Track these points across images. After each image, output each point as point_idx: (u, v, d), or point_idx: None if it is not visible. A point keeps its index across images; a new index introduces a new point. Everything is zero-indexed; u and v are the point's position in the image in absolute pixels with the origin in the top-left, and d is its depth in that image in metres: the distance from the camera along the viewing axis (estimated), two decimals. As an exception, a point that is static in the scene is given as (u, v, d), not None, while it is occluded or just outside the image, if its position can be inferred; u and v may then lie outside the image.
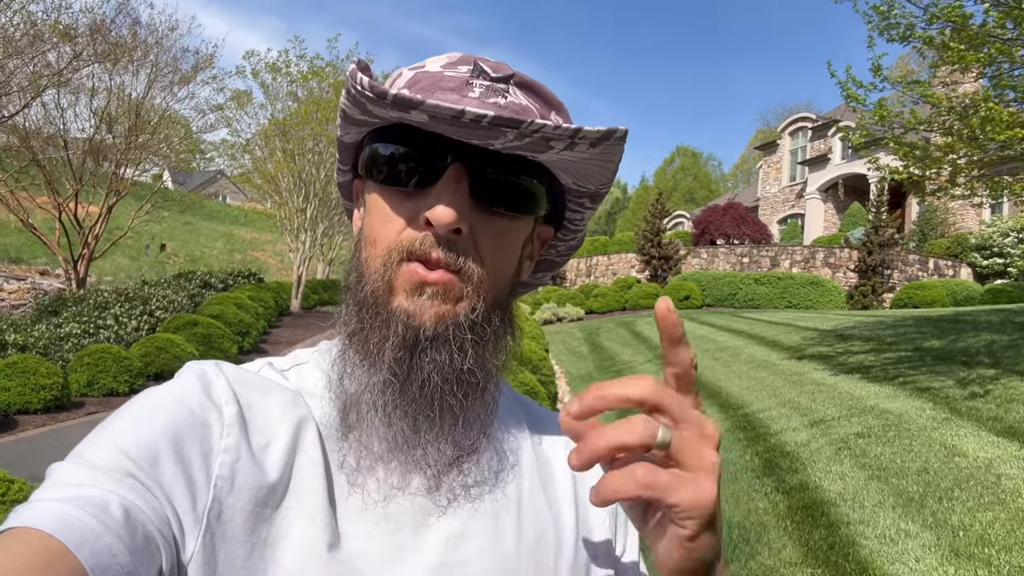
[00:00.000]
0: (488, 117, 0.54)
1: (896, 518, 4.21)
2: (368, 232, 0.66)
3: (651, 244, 26.29)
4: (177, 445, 0.55)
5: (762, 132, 60.27)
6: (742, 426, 7.13)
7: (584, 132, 0.57)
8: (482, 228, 0.63)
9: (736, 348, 12.52)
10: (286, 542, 0.58)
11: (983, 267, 23.02)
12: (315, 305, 25.41)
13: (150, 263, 32.48)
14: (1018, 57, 7.22)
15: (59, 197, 18.68)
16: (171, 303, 16.44)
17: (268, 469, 0.59)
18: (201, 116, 22.43)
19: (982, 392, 6.61)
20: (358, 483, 0.63)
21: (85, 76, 18.35)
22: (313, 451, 0.62)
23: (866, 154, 10.09)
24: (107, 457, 0.53)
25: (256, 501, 0.57)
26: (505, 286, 0.68)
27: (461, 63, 0.66)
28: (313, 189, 23.45)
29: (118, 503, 0.49)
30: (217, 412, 0.59)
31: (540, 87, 0.67)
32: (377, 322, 0.63)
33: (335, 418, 0.65)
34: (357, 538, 0.61)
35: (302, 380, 0.69)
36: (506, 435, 0.73)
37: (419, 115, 0.56)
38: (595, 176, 0.66)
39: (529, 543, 0.67)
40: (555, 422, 0.80)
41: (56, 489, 0.50)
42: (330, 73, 23.51)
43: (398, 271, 0.62)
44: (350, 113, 0.63)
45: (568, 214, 0.74)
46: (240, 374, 0.65)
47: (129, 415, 0.58)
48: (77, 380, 10.56)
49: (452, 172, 0.61)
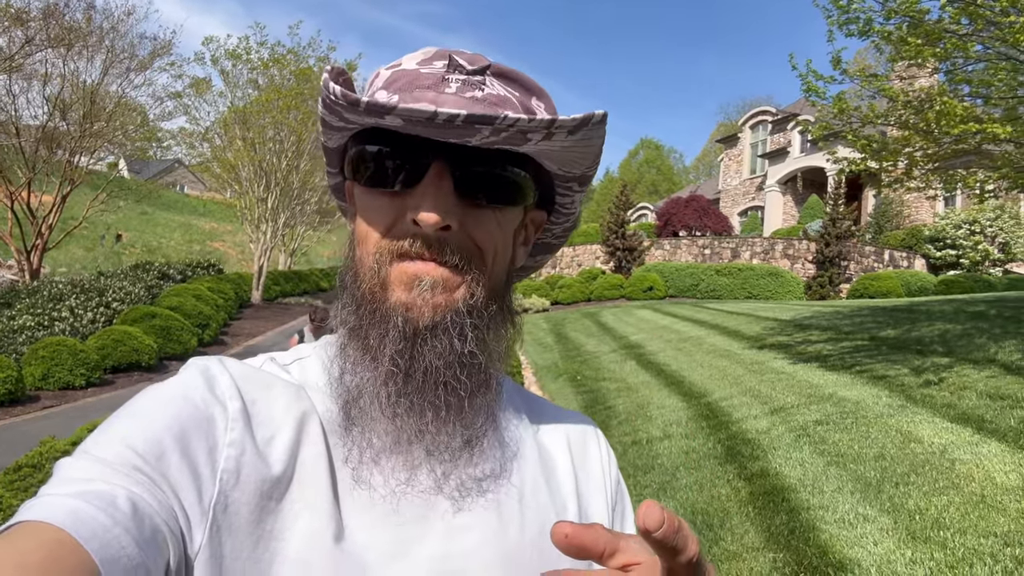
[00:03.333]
0: (461, 116, 0.54)
1: (854, 503, 4.30)
2: (359, 232, 0.67)
3: (615, 236, 26.46)
4: (183, 440, 0.56)
5: (723, 125, 60.96)
6: (704, 414, 7.22)
7: (560, 122, 0.57)
8: (472, 221, 0.64)
9: (698, 338, 12.67)
10: (291, 534, 0.58)
11: (936, 258, 23.59)
12: (277, 297, 25.13)
13: (105, 254, 31.76)
14: (973, 52, 7.39)
15: (11, 186, 18.23)
16: (128, 295, 16.13)
17: (272, 462, 0.60)
18: (158, 103, 22.03)
19: (936, 380, 6.78)
20: (363, 476, 0.63)
21: (38, 62, 17.95)
22: (317, 444, 0.63)
23: (825, 146, 10.27)
24: (114, 452, 0.53)
25: (261, 494, 0.58)
26: (501, 275, 0.69)
27: (436, 58, 0.66)
28: (274, 178, 23.16)
29: (126, 497, 0.50)
30: (221, 407, 0.60)
31: (518, 75, 0.67)
32: (376, 317, 0.63)
33: (338, 412, 0.65)
34: (362, 530, 0.61)
35: (305, 374, 0.70)
36: (509, 424, 0.74)
37: (393, 119, 0.56)
38: (579, 161, 0.66)
39: (532, 534, 0.68)
40: (554, 412, 0.82)
41: (64, 484, 0.51)
42: (291, 60, 23.23)
43: (391, 269, 0.63)
44: (328, 120, 0.63)
45: (558, 198, 0.75)
46: (243, 369, 0.65)
47: (134, 411, 0.58)
48: (32, 373, 10.34)
49: (434, 170, 0.62)
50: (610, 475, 0.79)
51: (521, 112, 0.65)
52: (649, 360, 11.40)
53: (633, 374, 10.52)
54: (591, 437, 0.81)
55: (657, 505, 0.42)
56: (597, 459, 0.79)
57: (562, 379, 11.30)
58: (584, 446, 0.79)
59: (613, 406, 8.62)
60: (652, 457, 6.16)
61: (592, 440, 0.80)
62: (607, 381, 10.37)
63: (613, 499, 0.78)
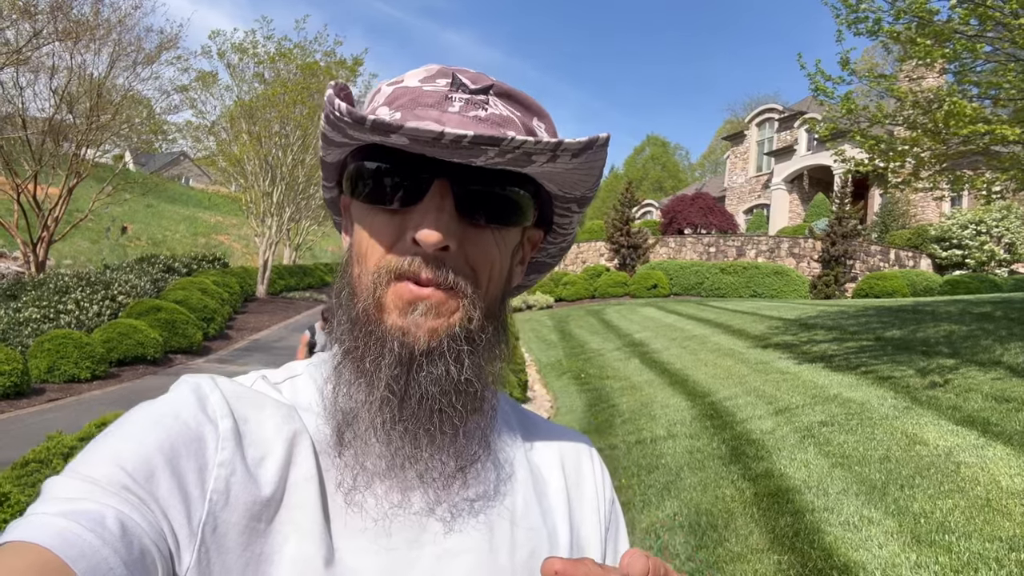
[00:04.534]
0: (468, 137, 0.54)
1: (859, 505, 4.30)
2: (357, 249, 0.66)
3: (620, 233, 26.43)
4: (173, 459, 0.56)
5: (730, 122, 60.82)
6: (709, 414, 7.22)
7: (565, 144, 0.57)
8: (471, 242, 0.63)
9: (703, 337, 12.66)
10: (280, 557, 0.58)
11: (942, 258, 23.52)
12: (281, 291, 25.15)
13: (111, 246, 31.82)
14: (982, 53, 7.36)
15: (17, 178, 18.26)
16: (134, 288, 16.16)
17: (263, 484, 0.59)
18: (165, 97, 22.02)
19: (942, 382, 6.77)
20: (355, 500, 0.63)
21: (45, 54, 17.92)
22: (307, 466, 0.62)
23: (832, 146, 10.23)
24: (103, 471, 0.53)
25: (251, 515, 0.58)
26: (497, 295, 0.68)
27: (439, 76, 0.65)
28: (280, 173, 23.17)
29: (114, 517, 0.49)
30: (212, 426, 0.59)
31: (520, 95, 0.67)
32: (371, 340, 0.62)
33: (330, 435, 0.65)
34: (353, 554, 0.61)
35: (296, 395, 0.69)
36: (503, 445, 0.73)
37: (399, 138, 0.56)
38: (580, 183, 0.66)
39: (523, 556, 0.67)
40: (547, 429, 0.81)
41: (52, 503, 0.50)
42: (298, 55, 23.21)
43: (387, 290, 0.62)
44: (330, 136, 0.62)
45: (556, 219, 0.75)
46: (235, 388, 0.65)
47: (124, 429, 0.58)
48: (37, 366, 10.36)
49: (436, 189, 0.61)
50: (604, 496, 0.79)
51: (523, 132, 0.65)
52: (653, 358, 11.40)
53: (637, 372, 10.52)
54: (585, 456, 0.80)
55: (641, 553, 0.43)
56: (591, 479, 0.79)
57: (566, 377, 11.31)
58: (578, 466, 0.79)
59: (617, 404, 8.62)
60: (656, 456, 6.17)
61: (586, 459, 0.80)
62: (611, 379, 10.37)
63: (607, 520, 0.78)
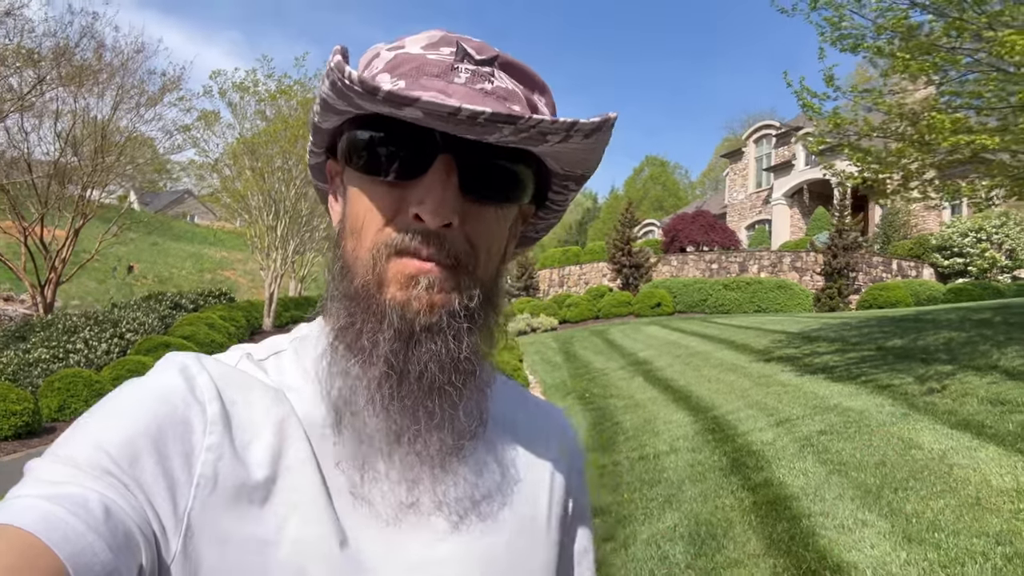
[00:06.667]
0: (486, 114, 0.52)
1: (854, 509, 4.38)
2: (352, 223, 0.64)
3: (622, 253, 26.53)
4: (158, 443, 0.54)
5: (728, 140, 61.05)
6: (711, 428, 7.30)
7: (579, 125, 0.56)
8: (473, 218, 0.62)
9: (706, 353, 12.73)
10: (280, 538, 0.57)
11: (944, 267, 23.55)
12: (287, 323, 25.24)
13: (117, 285, 32.09)
14: (962, 65, 7.53)
15: (24, 221, 18.46)
16: (141, 325, 16.33)
17: (252, 467, 0.58)
18: (168, 137, 22.34)
19: (939, 387, 6.85)
20: (353, 480, 0.62)
21: (49, 99, 18.21)
22: (300, 449, 0.61)
23: (823, 160, 10.39)
24: (87, 454, 0.52)
25: (240, 499, 0.57)
26: (494, 270, 0.67)
27: (443, 44, 0.63)
28: (283, 207, 23.39)
29: (98, 501, 0.49)
30: (200, 409, 0.58)
31: (524, 68, 0.66)
32: (369, 315, 0.61)
33: (324, 415, 0.63)
34: (358, 533, 0.61)
35: (283, 373, 0.67)
36: (496, 424, 0.73)
37: (413, 111, 0.54)
38: (583, 162, 0.66)
39: (511, 536, 0.68)
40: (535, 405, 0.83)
41: (36, 486, 0.49)
42: (298, 91, 23.52)
43: (388, 265, 0.60)
44: (332, 103, 0.58)
45: (552, 195, 0.73)
46: (222, 369, 0.63)
47: (109, 410, 0.57)
48: (48, 405, 10.48)
49: (441, 164, 0.59)
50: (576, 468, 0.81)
51: (526, 107, 0.64)
52: (657, 376, 11.47)
53: (641, 390, 10.60)
54: (566, 432, 0.82)
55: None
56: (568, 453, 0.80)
57: (571, 397, 11.38)
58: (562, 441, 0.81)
59: (621, 422, 8.70)
60: (659, 471, 6.25)
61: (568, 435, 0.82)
62: (615, 398, 10.45)
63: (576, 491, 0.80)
